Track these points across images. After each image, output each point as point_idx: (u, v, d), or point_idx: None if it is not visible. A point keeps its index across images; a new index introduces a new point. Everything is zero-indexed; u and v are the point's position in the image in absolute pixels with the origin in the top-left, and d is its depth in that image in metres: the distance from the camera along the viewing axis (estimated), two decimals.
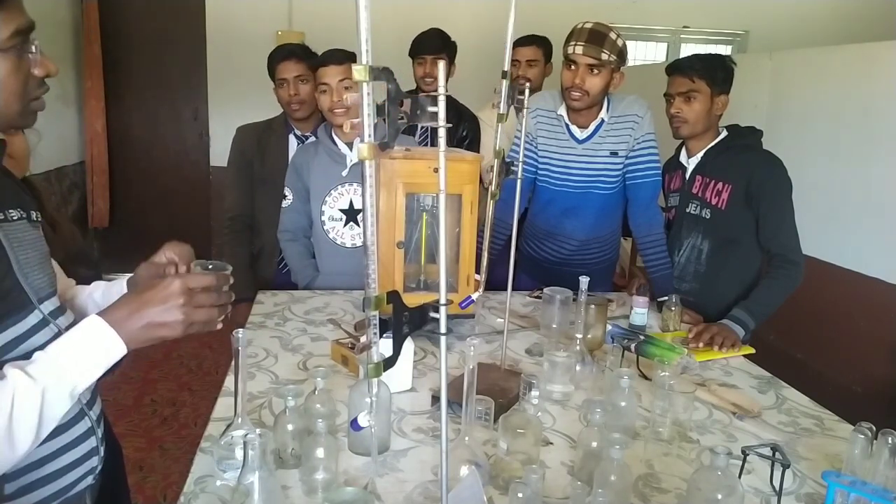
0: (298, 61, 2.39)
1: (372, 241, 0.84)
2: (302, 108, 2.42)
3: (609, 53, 1.98)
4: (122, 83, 4.99)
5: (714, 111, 2.04)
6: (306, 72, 2.39)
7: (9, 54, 0.88)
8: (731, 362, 1.78)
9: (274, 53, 2.47)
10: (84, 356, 0.89)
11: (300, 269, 2.25)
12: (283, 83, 2.40)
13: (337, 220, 2.18)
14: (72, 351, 0.89)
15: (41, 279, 1.01)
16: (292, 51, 2.45)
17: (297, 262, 2.26)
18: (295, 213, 2.24)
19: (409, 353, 1.50)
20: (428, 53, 2.83)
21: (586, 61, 2.00)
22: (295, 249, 2.26)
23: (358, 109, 0.79)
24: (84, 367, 0.89)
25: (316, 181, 2.19)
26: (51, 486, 0.98)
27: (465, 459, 1.13)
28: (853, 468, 1.13)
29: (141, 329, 0.92)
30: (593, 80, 2.02)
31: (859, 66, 2.86)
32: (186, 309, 0.93)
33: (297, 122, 2.48)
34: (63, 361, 0.88)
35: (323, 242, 2.21)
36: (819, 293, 2.76)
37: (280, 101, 2.46)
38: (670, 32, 5.73)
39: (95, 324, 0.91)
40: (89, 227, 4.94)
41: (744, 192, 1.98)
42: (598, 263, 2.34)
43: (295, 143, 2.48)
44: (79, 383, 0.89)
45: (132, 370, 3.60)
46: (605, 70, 2.01)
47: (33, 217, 1.04)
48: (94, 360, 0.90)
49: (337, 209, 2.17)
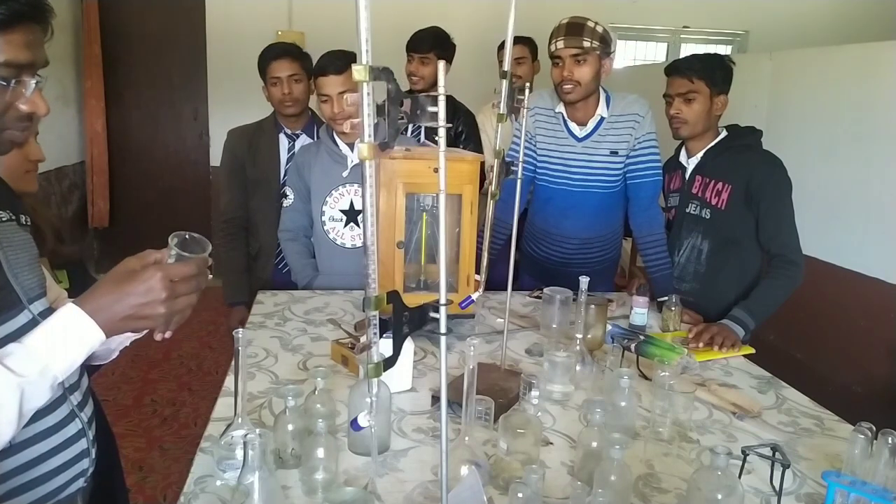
0: (293, 60, 2.40)
1: (372, 241, 0.84)
2: (294, 105, 2.42)
3: (590, 41, 2.00)
4: (122, 83, 5.00)
5: (714, 111, 2.04)
6: (300, 71, 2.40)
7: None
8: (731, 362, 1.78)
9: (266, 52, 2.46)
10: (61, 345, 0.89)
11: (300, 269, 2.25)
12: (276, 82, 2.40)
13: (337, 220, 2.18)
14: (49, 340, 0.88)
15: (31, 280, 1.01)
16: (286, 49, 2.45)
17: (297, 262, 2.26)
18: (295, 212, 2.25)
19: (409, 353, 1.50)
20: (417, 52, 2.84)
21: (570, 53, 2.02)
22: (295, 249, 2.26)
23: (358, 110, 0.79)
24: (62, 356, 0.89)
25: (317, 181, 2.19)
26: (40, 488, 0.97)
27: (465, 459, 1.13)
28: (853, 468, 1.13)
29: (121, 321, 0.91)
30: (581, 70, 2.04)
31: (859, 66, 2.85)
32: (168, 302, 0.92)
33: (286, 120, 2.48)
34: (41, 351, 0.87)
35: (323, 242, 2.21)
36: (819, 293, 2.76)
37: (271, 98, 2.45)
38: (670, 32, 5.73)
39: (73, 313, 0.90)
40: (89, 227, 4.94)
41: (743, 192, 1.98)
42: (599, 263, 2.34)
43: (286, 141, 2.49)
44: (58, 373, 0.89)
45: (132, 370, 3.60)
46: (590, 58, 2.03)
47: (22, 220, 1.04)
48: (73, 349, 0.89)
49: (337, 210, 2.17)
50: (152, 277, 0.92)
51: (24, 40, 0.88)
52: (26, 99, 0.91)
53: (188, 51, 5.01)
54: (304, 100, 2.46)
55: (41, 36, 0.91)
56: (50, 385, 0.88)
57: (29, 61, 0.89)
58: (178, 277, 0.94)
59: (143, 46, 5.01)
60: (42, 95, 0.93)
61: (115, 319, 0.91)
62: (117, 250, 4.58)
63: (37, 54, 0.90)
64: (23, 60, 0.88)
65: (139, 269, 0.94)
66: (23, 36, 0.87)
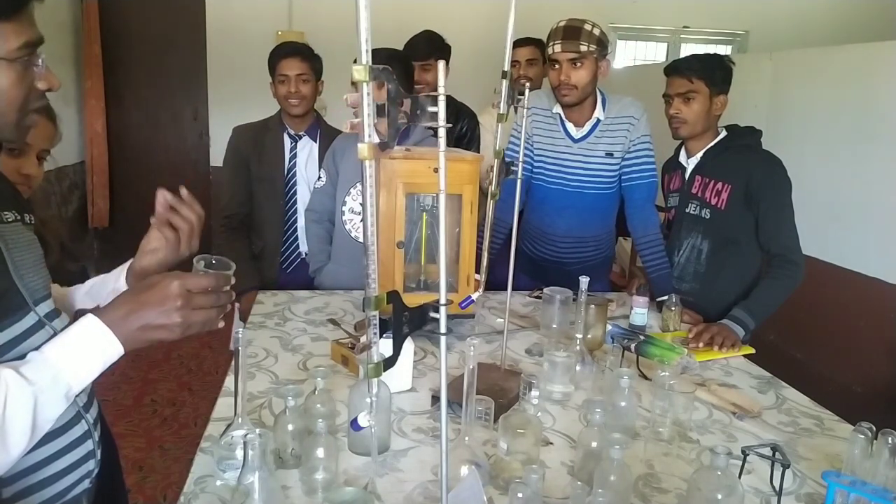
0: (303, 60, 2.43)
1: (372, 241, 0.84)
2: (300, 104, 2.44)
3: (587, 44, 2.01)
4: (122, 83, 4.99)
5: (713, 111, 2.04)
6: (308, 71, 2.43)
7: (15, 65, 0.88)
8: (731, 362, 1.78)
9: (277, 49, 2.49)
10: (80, 357, 0.88)
11: (315, 253, 2.30)
12: (284, 79, 2.42)
13: (356, 213, 2.20)
14: (67, 351, 0.88)
15: (36, 281, 1.00)
16: (297, 49, 2.48)
17: (315, 245, 2.31)
18: (325, 195, 2.28)
19: (409, 353, 1.50)
20: (416, 59, 2.84)
21: (567, 57, 2.03)
22: (316, 231, 2.31)
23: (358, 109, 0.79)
24: (79, 368, 0.88)
25: (346, 171, 2.22)
26: (47, 490, 0.97)
27: (465, 459, 1.13)
28: (853, 468, 1.13)
29: (138, 330, 0.91)
30: (578, 74, 2.05)
31: (859, 66, 2.86)
32: (184, 312, 0.92)
33: (291, 121, 2.49)
34: (58, 362, 0.87)
35: (339, 232, 2.24)
36: (819, 293, 2.76)
37: (277, 95, 2.47)
38: (670, 32, 5.73)
39: (92, 324, 0.89)
40: (89, 227, 4.94)
41: (743, 192, 1.98)
42: (592, 260, 2.35)
43: (289, 142, 2.50)
44: (74, 385, 0.88)
45: (132, 370, 3.60)
46: (587, 61, 2.04)
47: (27, 220, 1.04)
48: (90, 361, 0.89)
49: (358, 203, 2.18)
50: (169, 285, 0.92)
51: (32, 18, 0.89)
52: (42, 75, 0.92)
53: (188, 51, 5.01)
54: (311, 100, 2.47)
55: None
56: (64, 394, 0.87)
57: (39, 38, 0.90)
58: (195, 288, 0.94)
59: (143, 46, 5.01)
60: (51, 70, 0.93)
61: (132, 329, 0.90)
62: (117, 250, 4.57)
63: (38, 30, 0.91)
64: (35, 38, 0.89)
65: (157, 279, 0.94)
66: (30, 14, 0.88)
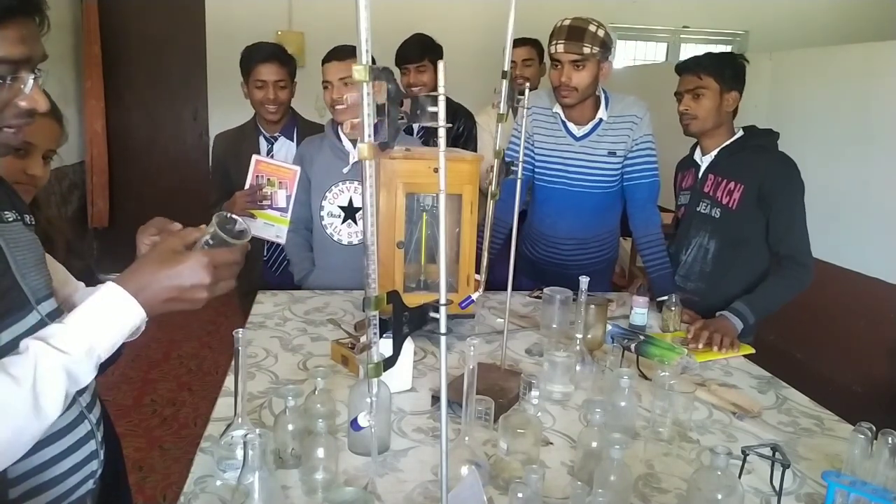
0: (280, 66, 2.37)
1: (372, 241, 0.84)
2: (278, 111, 2.41)
3: (591, 46, 1.99)
4: (121, 83, 4.99)
5: (724, 108, 2.02)
6: (286, 77, 2.38)
7: None
8: (731, 362, 1.78)
9: (253, 52, 2.41)
10: (104, 324, 0.88)
11: (298, 262, 2.27)
12: (261, 85, 2.37)
13: (335, 216, 2.18)
14: (91, 318, 0.88)
15: (38, 280, 1.00)
16: (274, 53, 2.40)
17: (296, 255, 2.28)
18: (297, 203, 2.26)
19: (409, 353, 1.50)
20: (410, 63, 2.84)
21: (569, 58, 2.01)
22: (294, 241, 2.28)
23: (357, 108, 0.79)
24: (105, 335, 0.88)
25: (317, 175, 2.20)
26: (52, 491, 0.97)
27: (465, 459, 1.13)
28: (853, 468, 1.13)
29: (164, 302, 0.91)
30: (580, 76, 2.03)
31: (859, 66, 2.86)
32: (211, 287, 0.93)
33: (266, 124, 2.47)
34: (83, 329, 0.87)
35: (320, 237, 2.22)
36: (819, 293, 2.75)
37: (253, 99, 2.42)
38: (670, 32, 5.74)
39: (115, 292, 0.89)
40: (89, 227, 4.94)
41: (756, 193, 1.97)
42: (596, 264, 2.34)
43: (265, 144, 2.49)
44: (101, 352, 0.88)
45: (132, 370, 3.60)
46: (589, 63, 2.02)
47: (27, 220, 1.04)
48: (115, 328, 0.89)
49: (336, 206, 2.18)
50: (199, 263, 0.92)
51: (18, 35, 0.86)
52: (25, 95, 0.90)
53: (188, 51, 5.01)
54: (288, 104, 2.45)
55: (36, 30, 0.89)
56: (95, 365, 0.88)
57: (25, 56, 0.87)
58: (222, 262, 0.94)
59: (143, 46, 5.01)
60: (41, 91, 0.91)
61: (158, 300, 0.91)
62: (117, 250, 4.57)
63: (33, 49, 0.88)
64: (17, 56, 0.86)
65: (182, 252, 0.94)
66: (16, 31, 0.86)
